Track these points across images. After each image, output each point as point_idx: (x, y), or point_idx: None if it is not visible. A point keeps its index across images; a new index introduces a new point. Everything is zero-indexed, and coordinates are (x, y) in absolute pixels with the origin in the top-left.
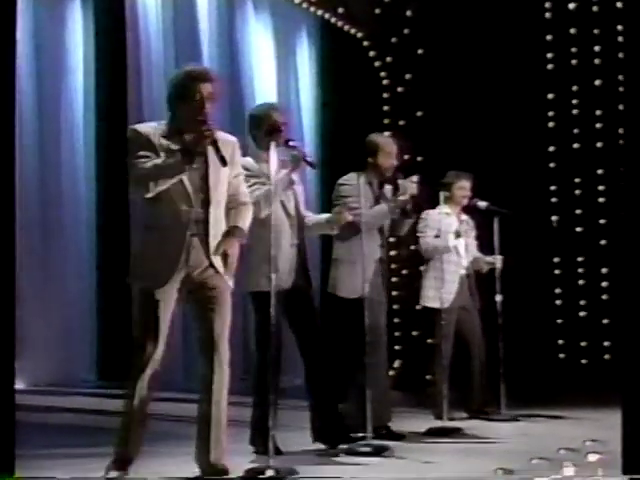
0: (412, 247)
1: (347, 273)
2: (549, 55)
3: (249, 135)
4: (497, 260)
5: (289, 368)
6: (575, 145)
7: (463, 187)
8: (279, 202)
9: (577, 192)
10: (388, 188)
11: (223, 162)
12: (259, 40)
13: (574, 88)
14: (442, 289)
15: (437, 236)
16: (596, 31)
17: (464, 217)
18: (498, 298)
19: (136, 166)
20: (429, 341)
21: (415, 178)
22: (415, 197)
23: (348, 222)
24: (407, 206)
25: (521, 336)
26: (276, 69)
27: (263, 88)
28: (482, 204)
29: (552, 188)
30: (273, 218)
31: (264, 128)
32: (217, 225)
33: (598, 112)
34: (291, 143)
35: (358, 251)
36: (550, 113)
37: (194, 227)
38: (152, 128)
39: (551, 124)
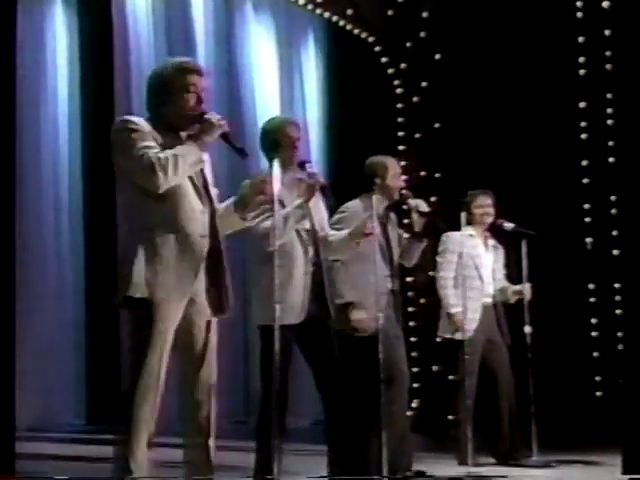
0: (430, 273)
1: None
2: (581, 59)
3: (262, 152)
4: (525, 289)
5: (295, 408)
6: (611, 159)
7: (482, 205)
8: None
9: (613, 211)
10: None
11: (243, 153)
12: (260, 45)
13: (609, 96)
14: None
15: (459, 258)
16: (634, 32)
17: (492, 242)
18: (527, 330)
19: (145, 155)
20: (451, 377)
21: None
22: (427, 217)
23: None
24: (417, 228)
25: (554, 372)
26: (279, 77)
27: (264, 98)
28: (508, 225)
29: (586, 207)
30: (286, 246)
31: (276, 144)
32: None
33: (637, 122)
34: (308, 168)
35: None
36: (583, 124)
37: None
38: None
39: (584, 136)
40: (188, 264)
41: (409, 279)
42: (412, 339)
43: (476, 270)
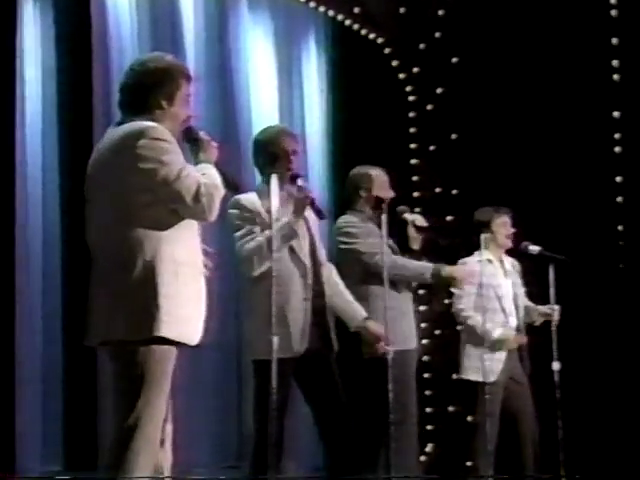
0: (446, 301)
1: None
2: (615, 62)
3: (254, 166)
4: (554, 310)
5: (293, 452)
6: None
7: (505, 223)
8: (287, 249)
9: None
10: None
11: (235, 187)
12: (256, 47)
13: None
14: (486, 358)
15: (479, 288)
16: None
17: (508, 265)
18: (556, 366)
19: (190, 176)
20: (469, 419)
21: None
22: (426, 234)
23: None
24: (414, 245)
25: (584, 414)
26: (277, 83)
27: (261, 106)
28: (534, 248)
29: (619, 228)
30: (277, 269)
31: (270, 156)
32: None
33: None
34: (299, 182)
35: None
36: (617, 135)
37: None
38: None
39: (618, 149)
40: (200, 299)
41: (422, 308)
42: (425, 375)
43: (498, 302)
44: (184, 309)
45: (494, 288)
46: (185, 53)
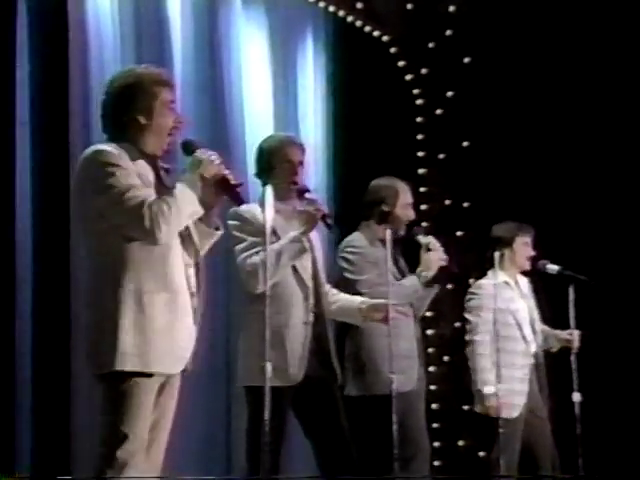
0: (456, 324)
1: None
2: None
3: (256, 175)
4: (574, 336)
5: None
6: None
7: (527, 244)
8: (290, 267)
9: None
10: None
11: (239, 199)
12: (250, 44)
13: None
14: (505, 393)
15: (496, 314)
16: None
17: (524, 282)
18: (576, 398)
19: (135, 200)
20: (481, 455)
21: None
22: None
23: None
24: (426, 271)
25: (607, 451)
26: (272, 83)
27: (255, 108)
28: (552, 267)
29: None
30: (278, 288)
31: (274, 166)
32: None
33: None
34: (308, 195)
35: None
36: None
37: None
38: (118, 150)
39: None
40: (180, 326)
41: (430, 332)
42: (433, 406)
43: (519, 329)
44: (152, 340)
45: (512, 314)
46: (172, 52)
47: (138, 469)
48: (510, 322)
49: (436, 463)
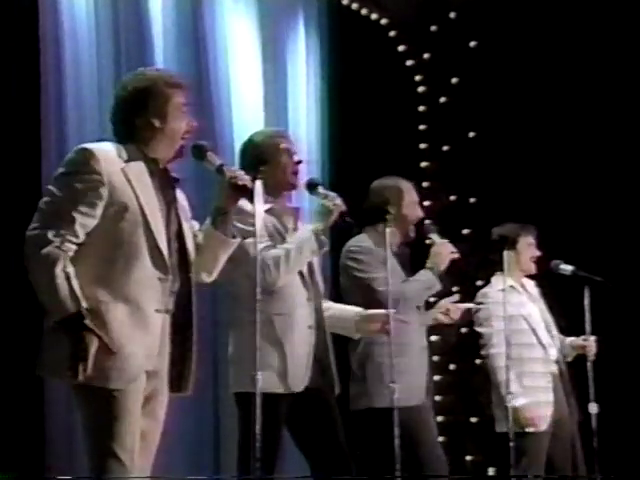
0: (463, 330)
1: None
2: None
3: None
4: (589, 342)
5: None
6: None
7: (531, 244)
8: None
9: None
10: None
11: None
12: (237, 31)
13: None
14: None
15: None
16: None
17: (530, 284)
18: (593, 409)
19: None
20: (492, 471)
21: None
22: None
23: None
24: (437, 265)
25: (628, 462)
26: (262, 73)
27: (244, 100)
28: (566, 268)
29: None
30: (284, 287)
31: (266, 160)
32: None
33: None
34: (321, 189)
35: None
36: None
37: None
38: (110, 150)
39: None
40: (141, 342)
41: (434, 338)
42: (439, 419)
43: (534, 335)
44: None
45: (525, 319)
46: (152, 41)
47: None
48: (524, 328)
49: None
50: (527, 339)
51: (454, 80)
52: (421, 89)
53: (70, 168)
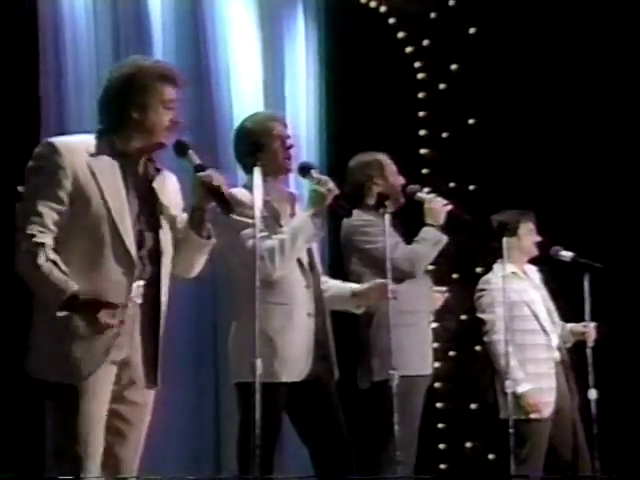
0: (463, 317)
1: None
2: None
3: (237, 159)
4: (589, 329)
5: None
6: None
7: (532, 230)
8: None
9: None
10: None
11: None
12: (236, 21)
13: None
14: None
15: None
16: None
17: (532, 271)
18: (592, 395)
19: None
20: (491, 457)
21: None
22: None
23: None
24: (434, 221)
25: (628, 449)
26: (261, 61)
27: (243, 90)
28: (566, 254)
29: None
30: (283, 277)
31: (262, 145)
32: (167, 289)
33: None
34: (314, 173)
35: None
36: None
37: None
38: (78, 144)
39: None
40: (102, 339)
41: (434, 325)
42: (438, 406)
43: (537, 321)
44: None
45: (528, 305)
46: (151, 29)
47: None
48: (526, 314)
49: (442, 466)
50: (530, 325)
51: (454, 67)
52: (420, 76)
53: (34, 162)
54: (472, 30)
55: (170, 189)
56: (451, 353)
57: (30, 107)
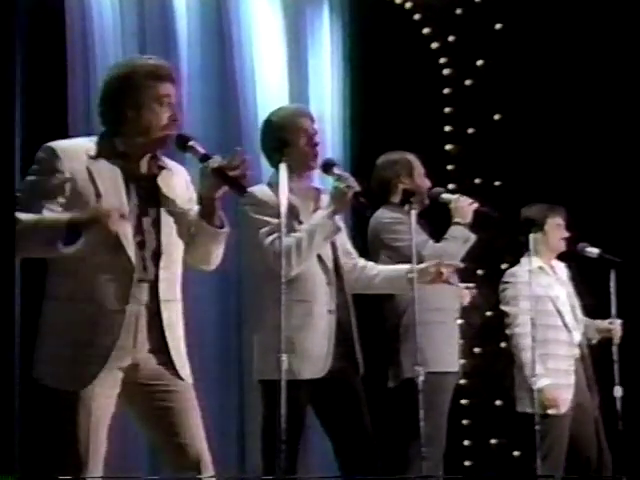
0: (488, 313)
1: None
2: None
3: (264, 153)
4: (615, 325)
5: None
6: None
7: (560, 225)
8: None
9: None
10: None
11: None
12: (261, 17)
13: None
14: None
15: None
16: None
17: (560, 267)
18: (618, 392)
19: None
20: (516, 454)
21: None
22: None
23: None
24: (462, 219)
25: None
26: (287, 58)
27: (267, 87)
28: (592, 251)
29: None
30: (303, 273)
31: (288, 140)
32: (170, 289)
33: None
34: (336, 170)
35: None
36: None
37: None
38: (77, 147)
39: None
40: (98, 342)
41: (459, 322)
42: (463, 402)
43: (560, 317)
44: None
45: (552, 300)
46: (176, 29)
47: None
48: (550, 309)
49: (466, 463)
50: (553, 321)
51: (479, 62)
52: (446, 72)
53: (34, 167)
54: (498, 26)
55: (179, 183)
56: (476, 350)
57: (58, 109)
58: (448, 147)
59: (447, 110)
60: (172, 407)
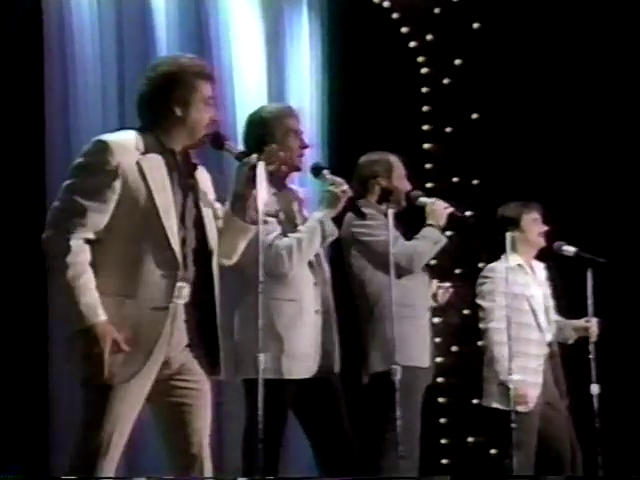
0: (465, 312)
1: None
2: None
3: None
4: (592, 325)
5: None
6: None
7: (536, 220)
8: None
9: None
10: None
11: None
12: (239, 16)
13: None
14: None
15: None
16: None
17: (539, 267)
18: (595, 390)
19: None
20: (493, 452)
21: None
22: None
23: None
24: (436, 222)
25: (628, 445)
26: (266, 58)
27: (246, 87)
28: (569, 250)
29: None
30: (293, 274)
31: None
32: (208, 286)
33: None
34: (326, 174)
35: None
36: None
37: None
38: (128, 142)
39: None
40: (142, 339)
41: (436, 320)
42: (440, 400)
43: (534, 316)
44: None
45: (528, 299)
46: (154, 26)
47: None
48: (525, 308)
49: (444, 461)
50: (526, 319)
51: (457, 62)
52: (424, 71)
53: (85, 160)
54: (476, 25)
55: (208, 179)
56: (453, 348)
57: (35, 105)
58: (426, 146)
59: (425, 109)
60: (189, 404)
